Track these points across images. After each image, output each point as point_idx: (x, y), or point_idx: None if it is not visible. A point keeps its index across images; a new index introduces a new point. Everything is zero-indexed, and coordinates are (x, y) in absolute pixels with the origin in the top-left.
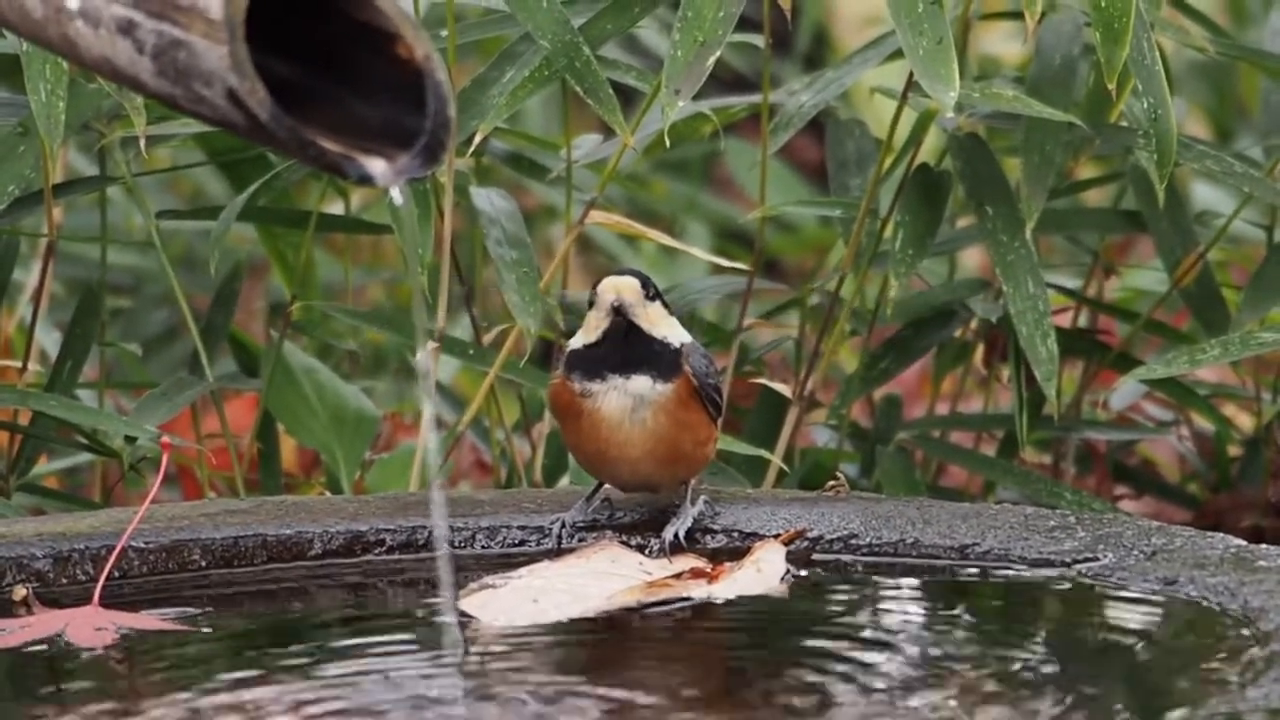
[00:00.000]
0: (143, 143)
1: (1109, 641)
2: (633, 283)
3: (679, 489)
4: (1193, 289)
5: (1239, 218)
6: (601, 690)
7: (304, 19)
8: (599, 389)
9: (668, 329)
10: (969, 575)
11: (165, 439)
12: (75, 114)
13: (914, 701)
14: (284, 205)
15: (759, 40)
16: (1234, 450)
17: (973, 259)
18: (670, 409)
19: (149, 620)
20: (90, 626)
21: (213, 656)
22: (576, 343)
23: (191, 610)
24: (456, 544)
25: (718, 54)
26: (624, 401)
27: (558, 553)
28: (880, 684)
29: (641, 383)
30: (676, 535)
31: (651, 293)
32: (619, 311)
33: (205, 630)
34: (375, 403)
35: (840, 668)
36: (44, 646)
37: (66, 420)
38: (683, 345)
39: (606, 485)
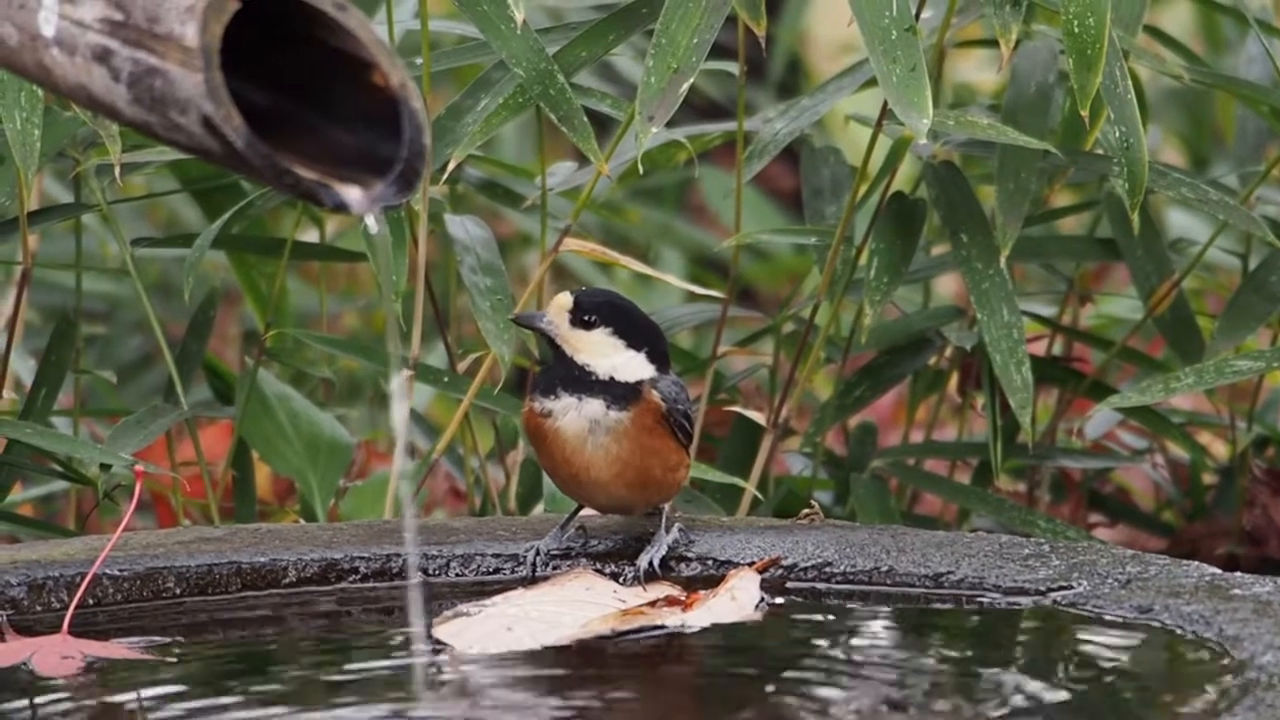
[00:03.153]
0: (118, 170)
1: (1084, 670)
2: (561, 300)
3: (654, 515)
4: (1167, 317)
5: (1214, 245)
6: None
7: (280, 47)
8: (556, 408)
9: (601, 359)
10: (943, 604)
11: (139, 467)
12: (50, 141)
13: None
14: (258, 233)
15: (733, 68)
16: (1209, 478)
17: (948, 286)
18: (632, 435)
19: (117, 649)
20: (57, 655)
21: (186, 685)
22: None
23: (161, 639)
24: (431, 572)
25: (691, 81)
26: (581, 423)
27: (532, 580)
28: (854, 713)
29: (595, 407)
30: (651, 563)
31: (591, 320)
32: (520, 322)
33: (170, 660)
34: (350, 430)
35: (814, 697)
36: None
37: (41, 448)
38: (633, 380)
39: (584, 511)
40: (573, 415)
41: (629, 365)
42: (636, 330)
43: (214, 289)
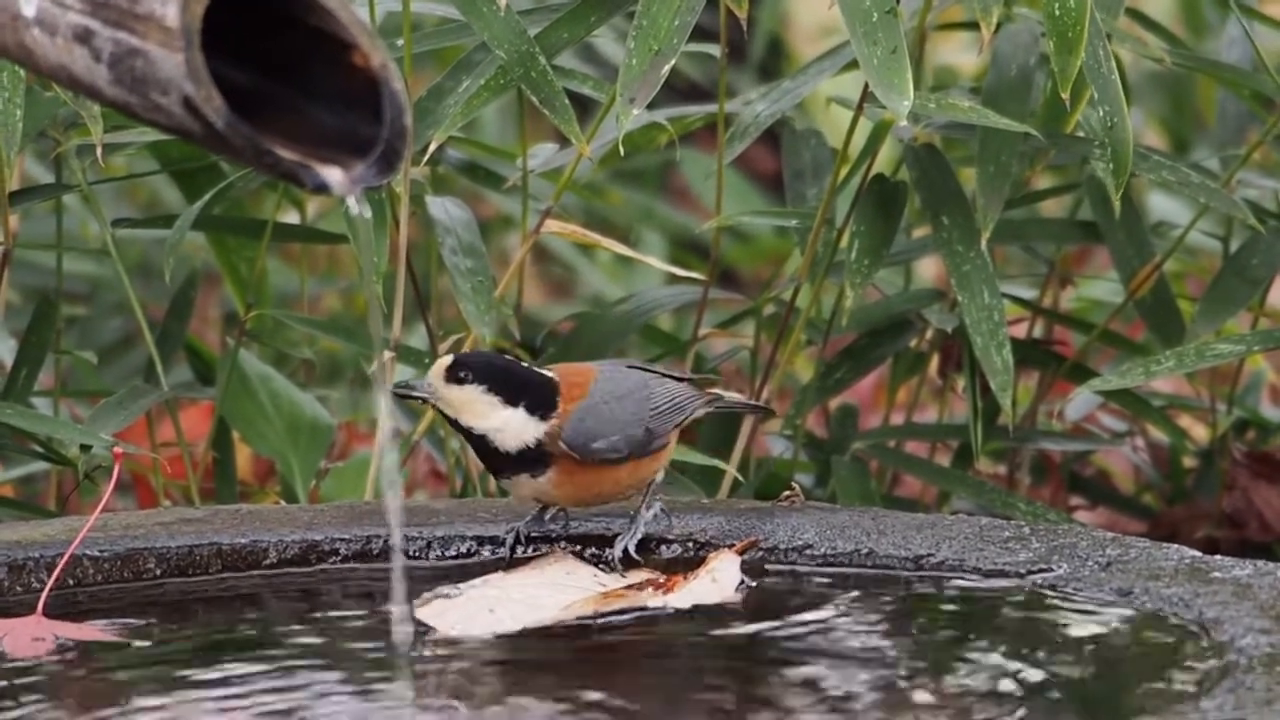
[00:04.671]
0: (99, 151)
1: (1063, 653)
2: (441, 361)
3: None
4: (1148, 300)
5: (1195, 229)
6: (551, 701)
7: (260, 27)
8: (504, 483)
9: (481, 419)
10: (923, 586)
11: (118, 448)
12: (32, 122)
13: (867, 714)
14: (239, 214)
15: (715, 50)
16: (1189, 461)
17: (928, 269)
18: (569, 480)
19: (91, 631)
20: (29, 637)
21: (166, 665)
22: None
23: (137, 621)
24: (411, 553)
25: (673, 63)
26: (523, 487)
27: (511, 562)
28: (833, 696)
29: (522, 479)
30: (625, 549)
31: (464, 375)
32: (399, 392)
33: (142, 643)
34: (331, 411)
35: (793, 678)
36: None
37: (22, 428)
38: (523, 442)
39: None
40: (512, 482)
41: (510, 425)
42: (510, 384)
43: (195, 270)
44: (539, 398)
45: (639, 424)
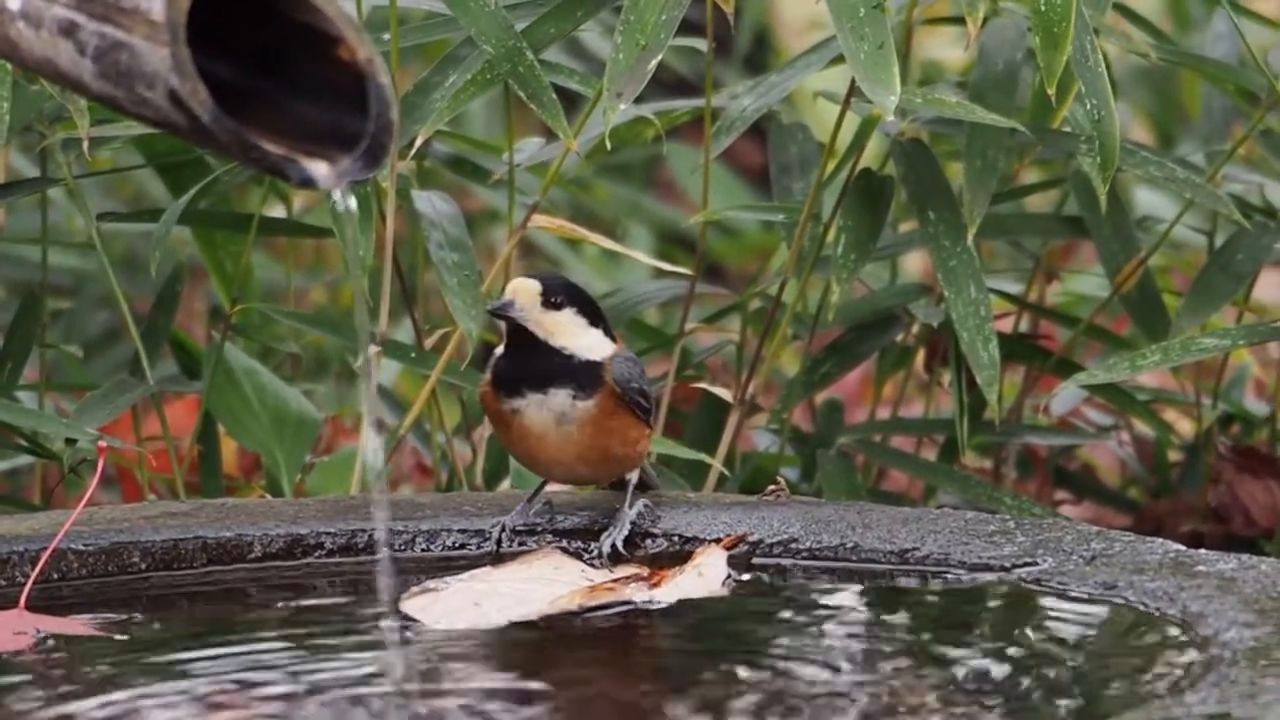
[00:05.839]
0: (85, 144)
1: (1048, 646)
2: (530, 285)
3: (620, 488)
4: (1134, 295)
5: (1180, 223)
6: (537, 695)
7: (246, 21)
8: (520, 404)
9: (574, 339)
10: (908, 580)
11: (103, 441)
12: (17, 115)
13: (853, 708)
14: (225, 209)
15: (701, 44)
16: (1174, 455)
17: (915, 264)
18: (596, 420)
19: (73, 624)
20: (10, 630)
21: (150, 659)
22: (499, 350)
23: (119, 616)
24: (397, 547)
25: (659, 57)
26: (546, 416)
27: (497, 556)
28: (819, 689)
29: (560, 399)
30: (613, 545)
31: (558, 300)
32: (498, 313)
33: (122, 637)
34: (317, 405)
35: (780, 672)
36: None
37: (6, 422)
38: (602, 359)
39: (550, 486)
40: (534, 410)
41: (595, 344)
42: (593, 307)
43: (180, 264)
44: (608, 324)
45: (649, 385)
